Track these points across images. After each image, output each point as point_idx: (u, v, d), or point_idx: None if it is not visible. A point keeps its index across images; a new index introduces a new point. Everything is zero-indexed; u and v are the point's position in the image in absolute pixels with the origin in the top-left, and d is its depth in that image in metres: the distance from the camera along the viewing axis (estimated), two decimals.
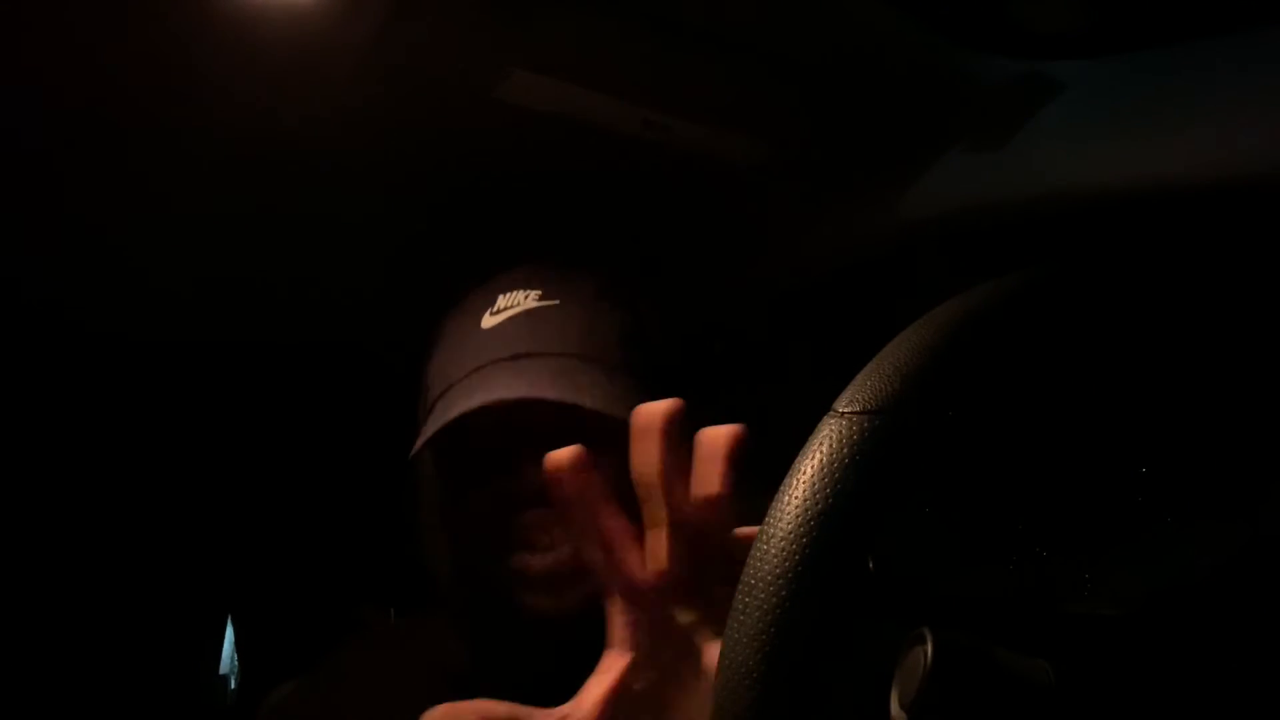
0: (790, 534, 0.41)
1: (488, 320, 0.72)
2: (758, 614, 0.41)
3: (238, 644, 1.29)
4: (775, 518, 0.42)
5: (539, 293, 0.72)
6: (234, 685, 1.31)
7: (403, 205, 0.90)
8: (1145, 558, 0.57)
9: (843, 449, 0.42)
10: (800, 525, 0.41)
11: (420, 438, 0.71)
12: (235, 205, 0.86)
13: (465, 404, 0.67)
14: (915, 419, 0.43)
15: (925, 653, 0.41)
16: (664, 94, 0.72)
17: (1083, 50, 0.67)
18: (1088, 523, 0.59)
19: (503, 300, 0.72)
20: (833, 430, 0.43)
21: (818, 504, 0.41)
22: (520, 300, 0.72)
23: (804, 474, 0.42)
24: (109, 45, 0.66)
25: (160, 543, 1.22)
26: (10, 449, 1.11)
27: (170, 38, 0.65)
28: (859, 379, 0.44)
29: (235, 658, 1.31)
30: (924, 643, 0.41)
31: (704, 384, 1.06)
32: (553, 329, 0.70)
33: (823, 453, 0.42)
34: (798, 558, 0.41)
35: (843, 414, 0.43)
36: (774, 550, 0.41)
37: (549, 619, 0.70)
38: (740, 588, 0.42)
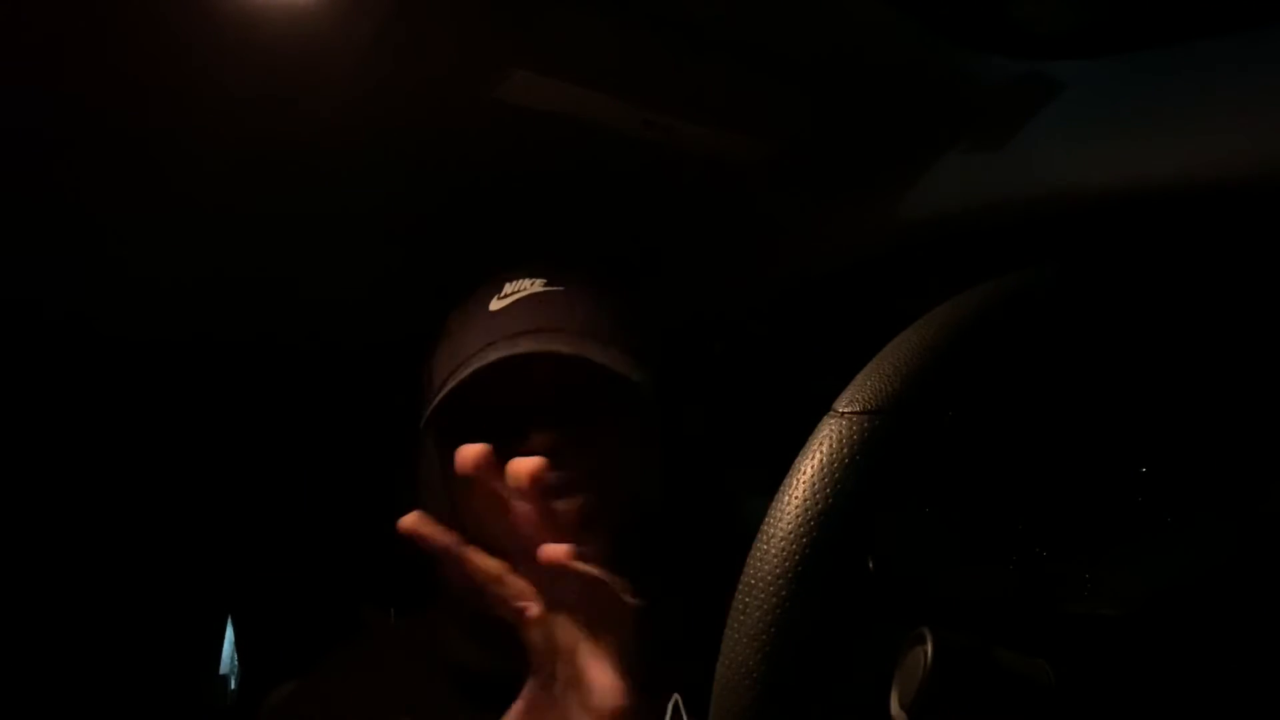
0: (790, 534, 0.41)
1: (495, 304, 0.76)
2: (758, 614, 0.41)
3: (238, 644, 1.29)
4: (775, 518, 0.42)
5: (544, 280, 0.77)
6: (234, 685, 1.31)
7: (403, 205, 0.90)
8: (1145, 558, 0.57)
9: (843, 449, 0.42)
10: (800, 525, 0.41)
11: (433, 404, 0.74)
12: (235, 205, 0.86)
13: (480, 363, 0.71)
14: (915, 419, 0.43)
15: (925, 653, 0.41)
16: (664, 94, 0.72)
17: (1083, 50, 0.67)
18: (1087, 522, 0.59)
19: (509, 287, 0.77)
20: (833, 430, 0.42)
21: (818, 504, 0.41)
22: (526, 287, 0.76)
23: (804, 474, 0.42)
24: (108, 45, 0.66)
25: (160, 543, 1.22)
26: (11, 449, 1.11)
27: (170, 37, 0.65)
28: (859, 379, 0.44)
29: (235, 658, 1.31)
30: (924, 643, 0.41)
31: (695, 374, 1.08)
32: (559, 309, 0.75)
33: (823, 453, 0.42)
34: (798, 558, 0.41)
35: (843, 414, 0.43)
36: (774, 550, 0.41)
37: None
38: (740, 588, 0.42)
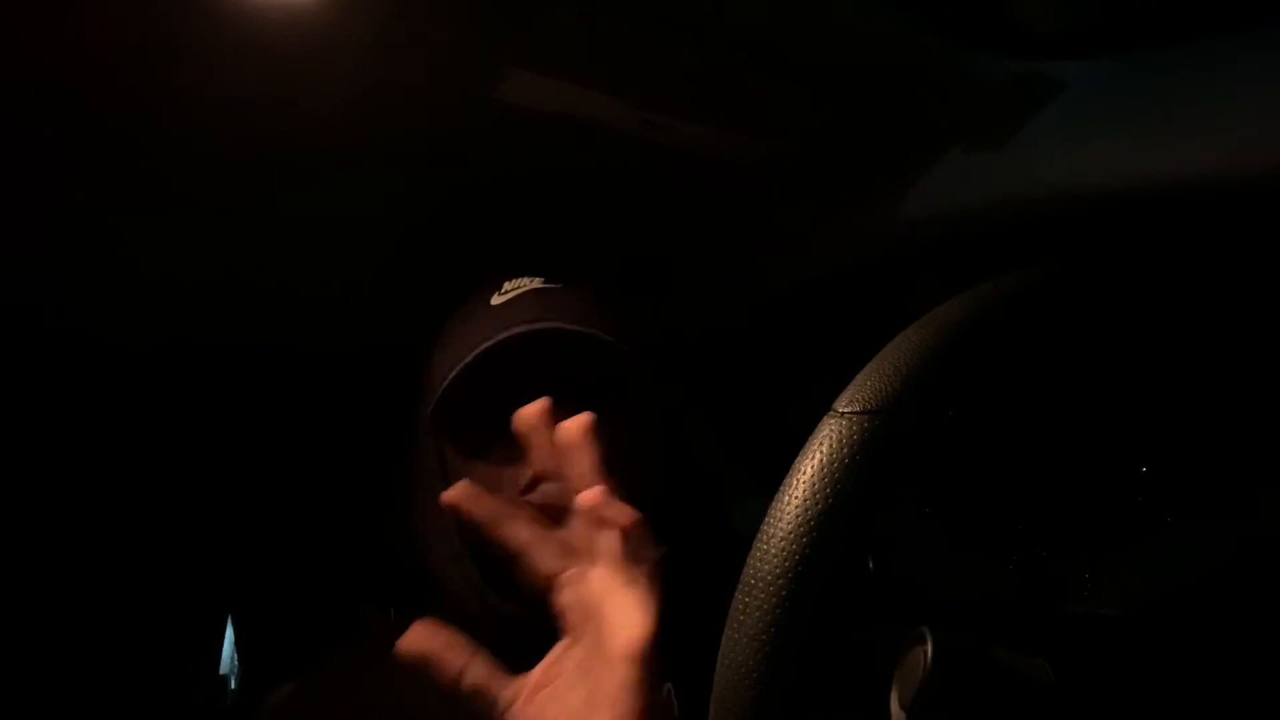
0: (790, 534, 0.41)
1: (496, 300, 0.79)
2: (758, 614, 0.41)
3: (238, 644, 1.29)
4: (775, 518, 0.42)
5: (543, 279, 0.79)
6: (234, 685, 1.31)
7: (403, 205, 0.90)
8: (1145, 558, 0.57)
9: (843, 449, 0.42)
10: (800, 525, 0.41)
11: (439, 391, 0.76)
12: (235, 205, 0.86)
13: (485, 344, 0.73)
14: (915, 419, 0.43)
15: (925, 653, 0.41)
16: (664, 94, 0.72)
17: (1083, 50, 0.67)
18: (1087, 522, 0.59)
19: (509, 285, 0.79)
20: (833, 430, 0.42)
21: (818, 504, 0.41)
22: (525, 284, 0.79)
23: (804, 474, 0.42)
24: (108, 45, 0.66)
25: (160, 543, 1.22)
26: (11, 449, 1.11)
27: (170, 37, 0.65)
28: (859, 379, 0.44)
29: (235, 658, 1.31)
30: (924, 643, 0.41)
31: (694, 374, 1.08)
32: (559, 302, 0.77)
33: (823, 453, 0.42)
34: (798, 558, 0.41)
35: (843, 414, 0.43)
36: (774, 550, 0.41)
37: None
38: (740, 588, 0.42)
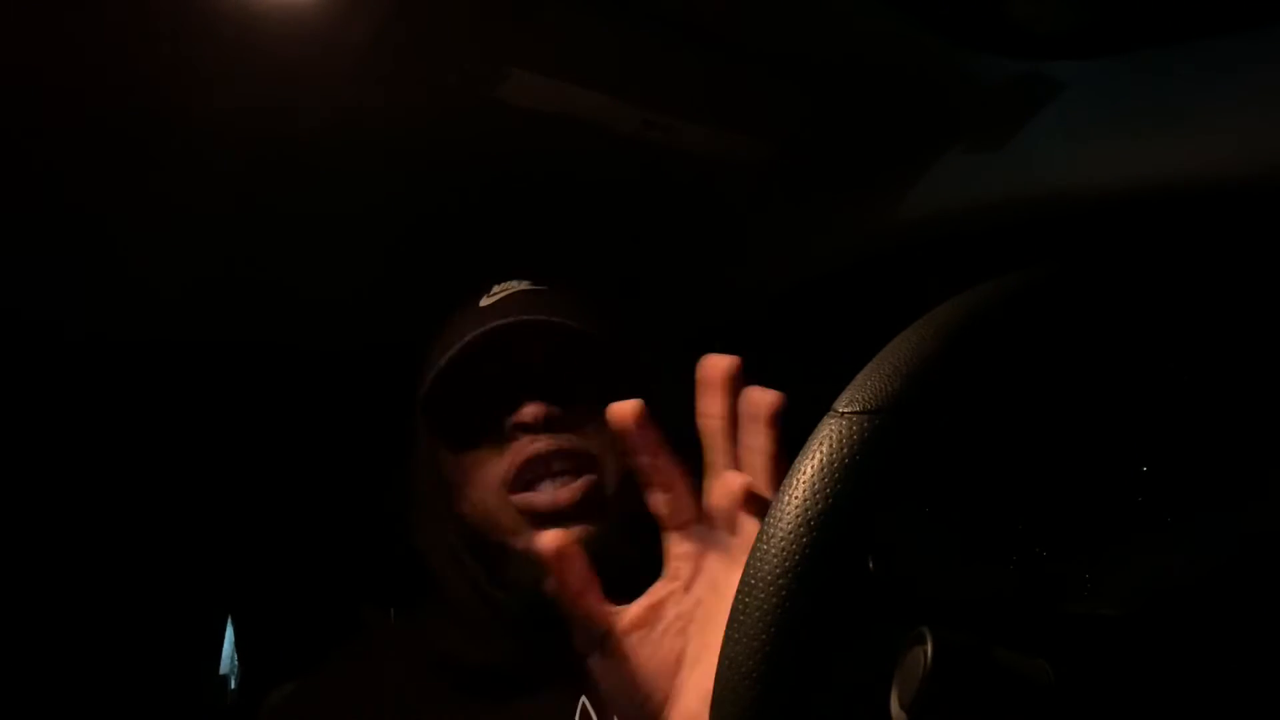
0: (790, 534, 0.41)
1: (485, 301, 0.82)
2: (758, 614, 0.41)
3: (238, 644, 1.29)
4: (775, 518, 0.42)
5: (529, 282, 0.84)
6: (234, 685, 1.31)
7: (402, 205, 0.90)
8: (1145, 558, 0.57)
9: (843, 449, 0.42)
10: (800, 525, 0.41)
11: (428, 379, 0.78)
12: (234, 205, 0.86)
13: (474, 333, 0.77)
14: (915, 419, 0.43)
15: (925, 653, 0.41)
16: (664, 94, 0.72)
17: (1083, 50, 0.67)
18: (1087, 522, 0.59)
19: (497, 288, 0.84)
20: (833, 430, 0.42)
21: (818, 504, 0.41)
22: (513, 286, 0.83)
23: (804, 474, 0.42)
24: (109, 45, 0.66)
25: (160, 543, 1.22)
26: (11, 449, 1.11)
27: (170, 37, 0.65)
28: (859, 379, 0.44)
29: (235, 658, 1.31)
30: (924, 643, 0.41)
31: (666, 379, 1.08)
32: (545, 302, 0.81)
33: (823, 453, 0.42)
34: (798, 558, 0.41)
35: (843, 414, 0.43)
36: (774, 550, 0.41)
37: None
38: (740, 588, 0.42)
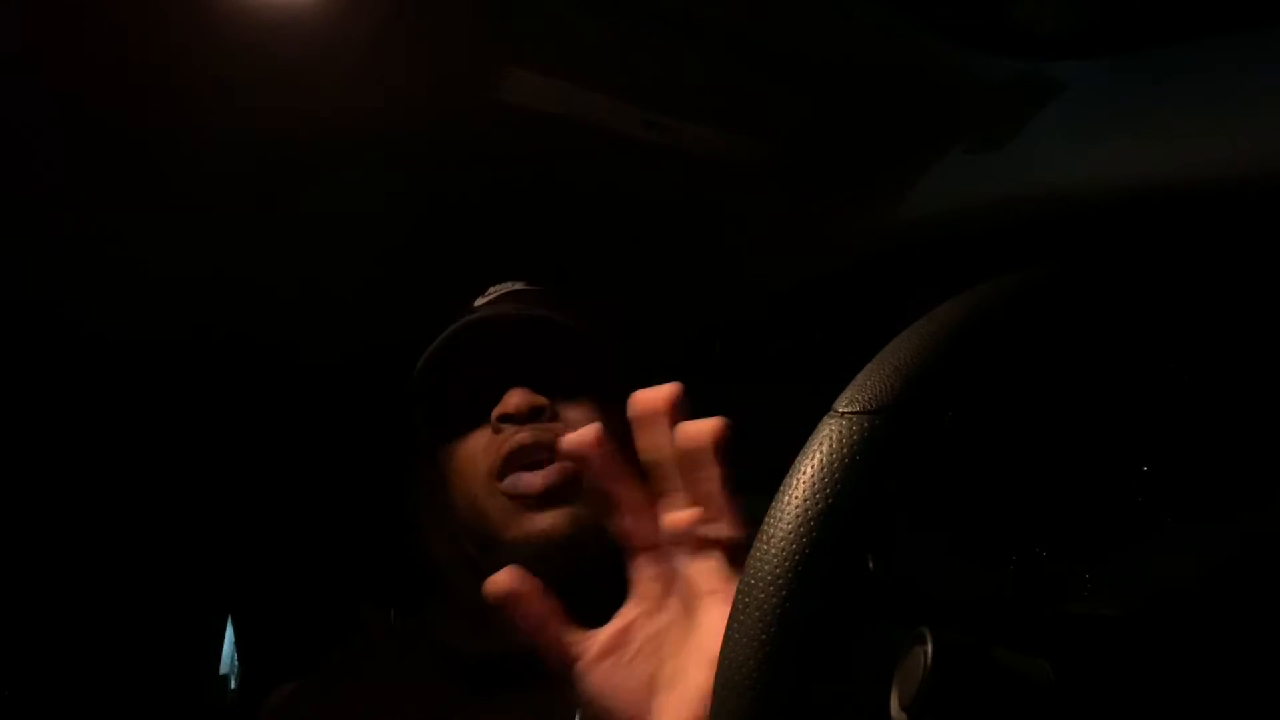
0: (790, 534, 0.41)
1: (480, 301, 0.86)
2: (757, 614, 0.41)
3: (238, 644, 1.29)
4: (775, 518, 0.42)
5: (524, 282, 0.88)
6: (234, 685, 1.31)
7: (402, 205, 0.90)
8: (1145, 558, 0.57)
9: (843, 449, 0.42)
10: (800, 525, 0.41)
11: (421, 362, 0.81)
12: (234, 205, 0.86)
13: (462, 322, 0.80)
14: (915, 419, 0.43)
15: (925, 653, 0.41)
16: (664, 94, 0.72)
17: (1083, 50, 0.67)
18: (1087, 522, 0.59)
19: (492, 289, 0.87)
20: (833, 430, 0.42)
21: (818, 504, 0.41)
22: (508, 287, 0.87)
23: (804, 474, 0.42)
24: (109, 45, 0.66)
25: (160, 542, 1.22)
26: (11, 449, 1.11)
27: (170, 37, 0.65)
28: (859, 379, 0.44)
29: (235, 658, 1.31)
30: (924, 643, 0.41)
31: (694, 373, 1.09)
32: (535, 299, 0.85)
33: (823, 453, 0.42)
34: (798, 558, 0.41)
35: (843, 414, 0.43)
36: (774, 550, 0.41)
37: (549, 552, 0.76)
38: (740, 588, 0.42)
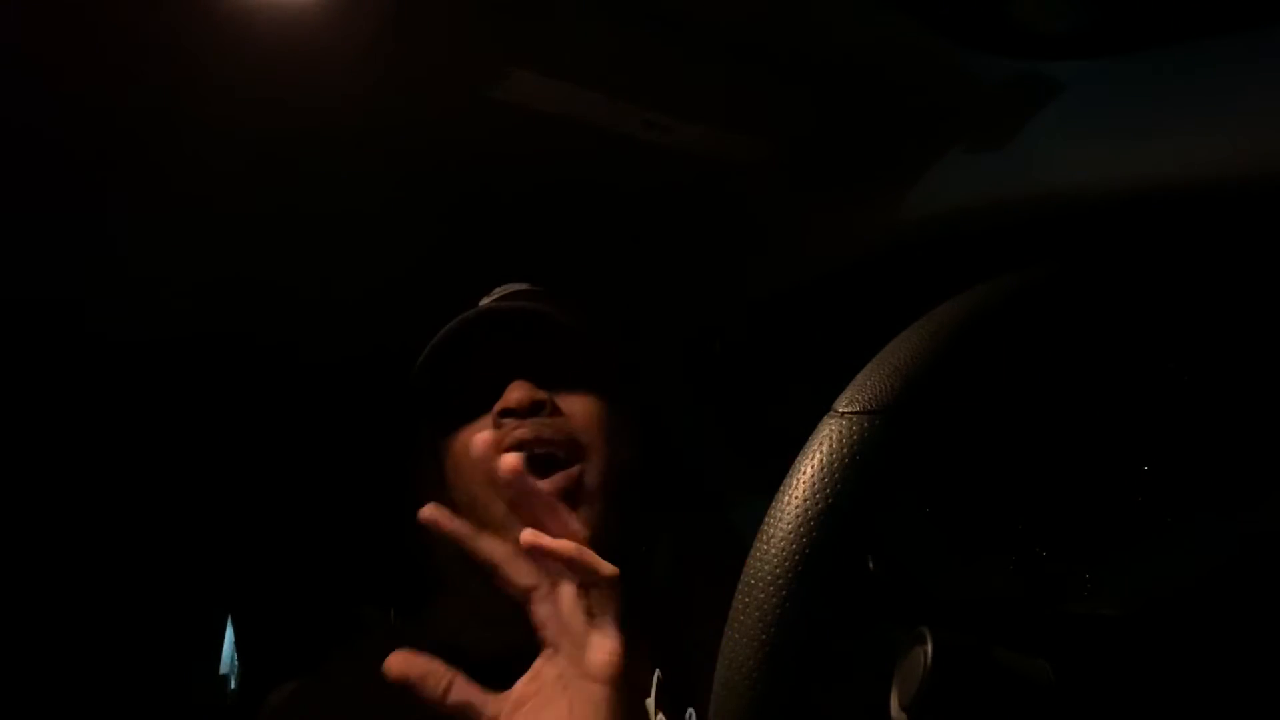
0: (790, 534, 0.41)
1: (484, 301, 0.87)
2: (757, 614, 0.41)
3: (238, 644, 1.30)
4: (775, 518, 0.42)
5: (528, 284, 0.89)
6: (234, 685, 1.31)
7: (401, 205, 0.90)
8: (1145, 558, 0.57)
9: (843, 449, 0.42)
10: (800, 525, 0.41)
11: (422, 357, 0.82)
12: (234, 205, 0.86)
13: (464, 316, 0.82)
14: (915, 419, 0.43)
15: (925, 653, 0.41)
16: (664, 94, 0.72)
17: (1083, 50, 0.67)
18: (1087, 522, 0.59)
19: (497, 290, 0.89)
20: (833, 430, 0.43)
21: (818, 504, 0.41)
22: (512, 287, 0.89)
23: (804, 474, 0.42)
24: (109, 44, 0.66)
25: (160, 542, 1.22)
26: (11, 449, 1.11)
27: (170, 37, 0.65)
28: (859, 379, 0.44)
29: (235, 658, 1.31)
30: (924, 643, 0.41)
31: (694, 373, 1.09)
32: (538, 298, 0.86)
33: (823, 453, 0.42)
34: (798, 558, 0.41)
35: (843, 414, 0.43)
36: (774, 550, 0.41)
37: None
38: (740, 588, 0.42)
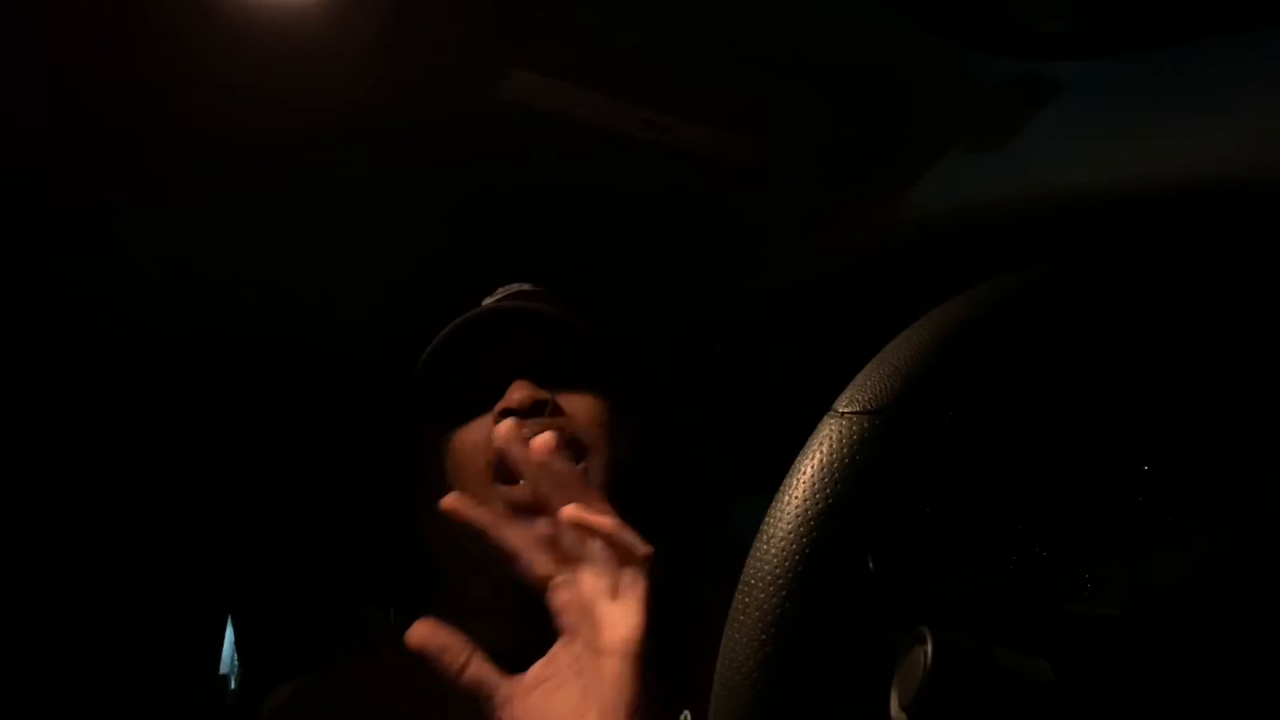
0: (790, 534, 0.41)
1: (487, 301, 0.88)
2: (757, 614, 0.41)
3: (238, 644, 1.30)
4: (775, 518, 0.42)
5: (531, 284, 0.90)
6: (234, 685, 1.31)
7: (401, 205, 0.90)
8: (1145, 558, 0.57)
9: (843, 449, 0.42)
10: (800, 525, 0.41)
11: (425, 355, 0.83)
12: (233, 205, 0.86)
13: (467, 315, 0.83)
14: (915, 419, 0.43)
15: (925, 653, 0.41)
16: (664, 94, 0.72)
17: (1083, 50, 0.67)
18: (1087, 522, 0.59)
19: (500, 290, 0.90)
20: (833, 430, 0.43)
21: (818, 504, 0.41)
22: (515, 287, 0.90)
23: (804, 474, 0.42)
24: (109, 44, 0.66)
25: (160, 543, 1.22)
26: (11, 449, 1.11)
27: (170, 37, 0.65)
28: (859, 379, 0.44)
29: (235, 658, 1.31)
30: (924, 643, 0.41)
31: (694, 373, 1.10)
32: (541, 297, 0.88)
33: (823, 453, 0.42)
34: (798, 558, 0.41)
35: (843, 414, 0.43)
36: (774, 550, 0.41)
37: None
38: (740, 588, 0.42)
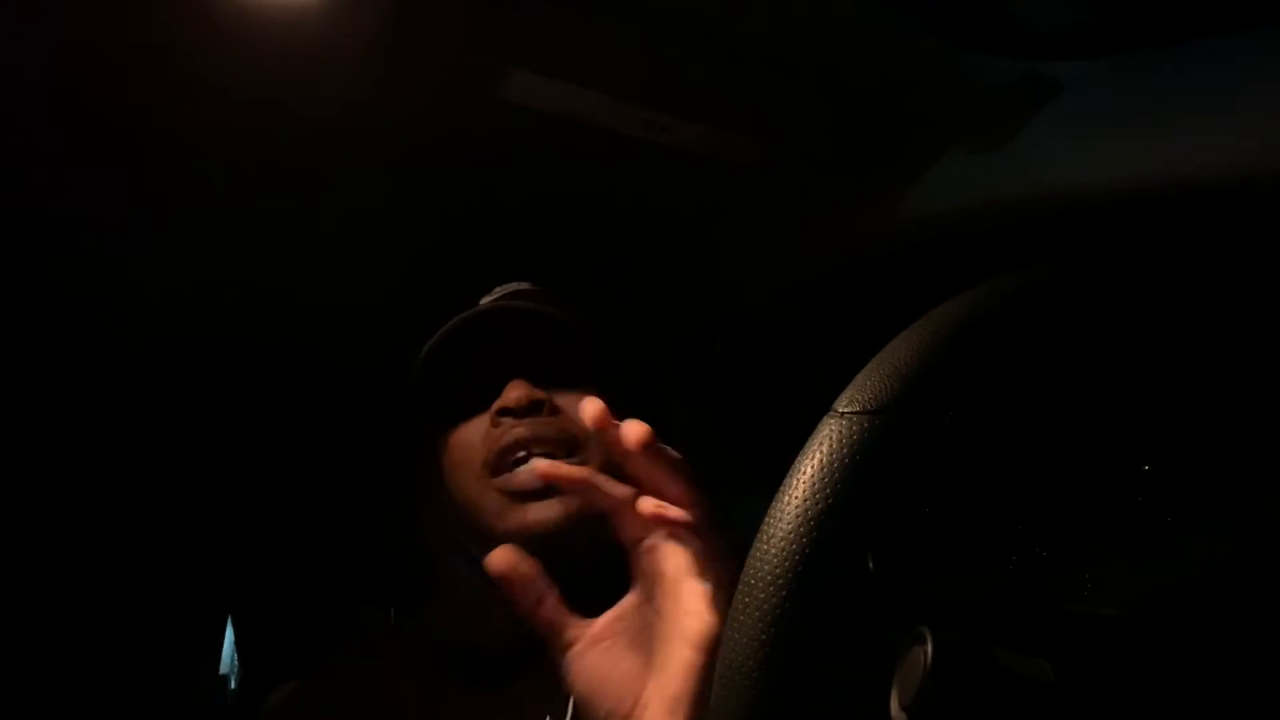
0: (790, 534, 0.41)
1: (485, 300, 0.88)
2: (757, 614, 0.41)
3: (238, 644, 1.30)
4: (775, 518, 0.42)
5: (529, 284, 0.90)
6: (234, 685, 1.31)
7: (401, 205, 0.90)
8: (1145, 558, 0.57)
9: (843, 449, 0.42)
10: (800, 525, 0.41)
11: (424, 352, 0.83)
12: (233, 205, 0.86)
13: (463, 315, 0.82)
14: (915, 419, 0.43)
15: (925, 653, 0.41)
16: (664, 94, 0.72)
17: (1083, 50, 0.67)
18: (1087, 522, 0.59)
19: (498, 289, 0.89)
20: (833, 430, 0.43)
21: (818, 504, 0.41)
22: (513, 287, 0.89)
23: (804, 474, 0.42)
24: (109, 45, 0.66)
25: (160, 542, 1.22)
26: (11, 449, 1.12)
27: (170, 37, 0.65)
28: (859, 379, 0.44)
29: (235, 658, 1.31)
30: (924, 643, 0.41)
31: (694, 373, 1.10)
32: (538, 296, 0.87)
33: (823, 453, 0.42)
34: (798, 558, 0.41)
35: (843, 414, 0.43)
36: (774, 550, 0.41)
37: (541, 544, 0.72)
38: (740, 588, 0.42)
